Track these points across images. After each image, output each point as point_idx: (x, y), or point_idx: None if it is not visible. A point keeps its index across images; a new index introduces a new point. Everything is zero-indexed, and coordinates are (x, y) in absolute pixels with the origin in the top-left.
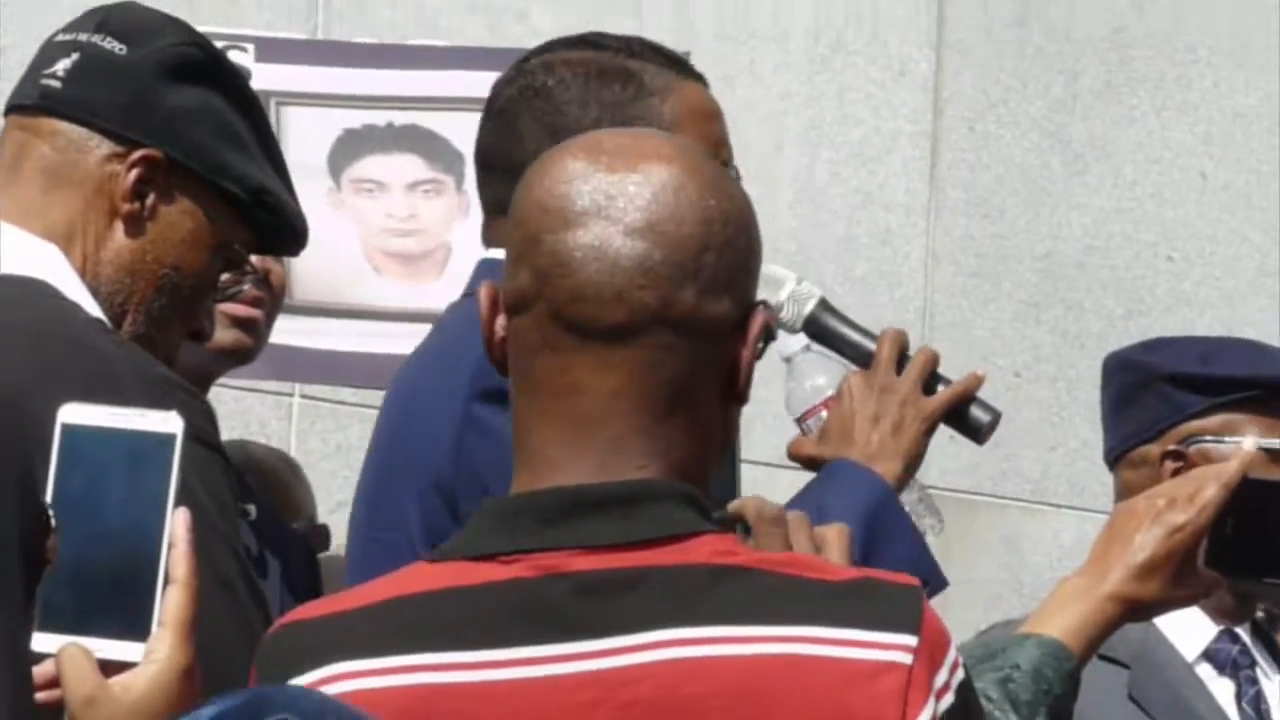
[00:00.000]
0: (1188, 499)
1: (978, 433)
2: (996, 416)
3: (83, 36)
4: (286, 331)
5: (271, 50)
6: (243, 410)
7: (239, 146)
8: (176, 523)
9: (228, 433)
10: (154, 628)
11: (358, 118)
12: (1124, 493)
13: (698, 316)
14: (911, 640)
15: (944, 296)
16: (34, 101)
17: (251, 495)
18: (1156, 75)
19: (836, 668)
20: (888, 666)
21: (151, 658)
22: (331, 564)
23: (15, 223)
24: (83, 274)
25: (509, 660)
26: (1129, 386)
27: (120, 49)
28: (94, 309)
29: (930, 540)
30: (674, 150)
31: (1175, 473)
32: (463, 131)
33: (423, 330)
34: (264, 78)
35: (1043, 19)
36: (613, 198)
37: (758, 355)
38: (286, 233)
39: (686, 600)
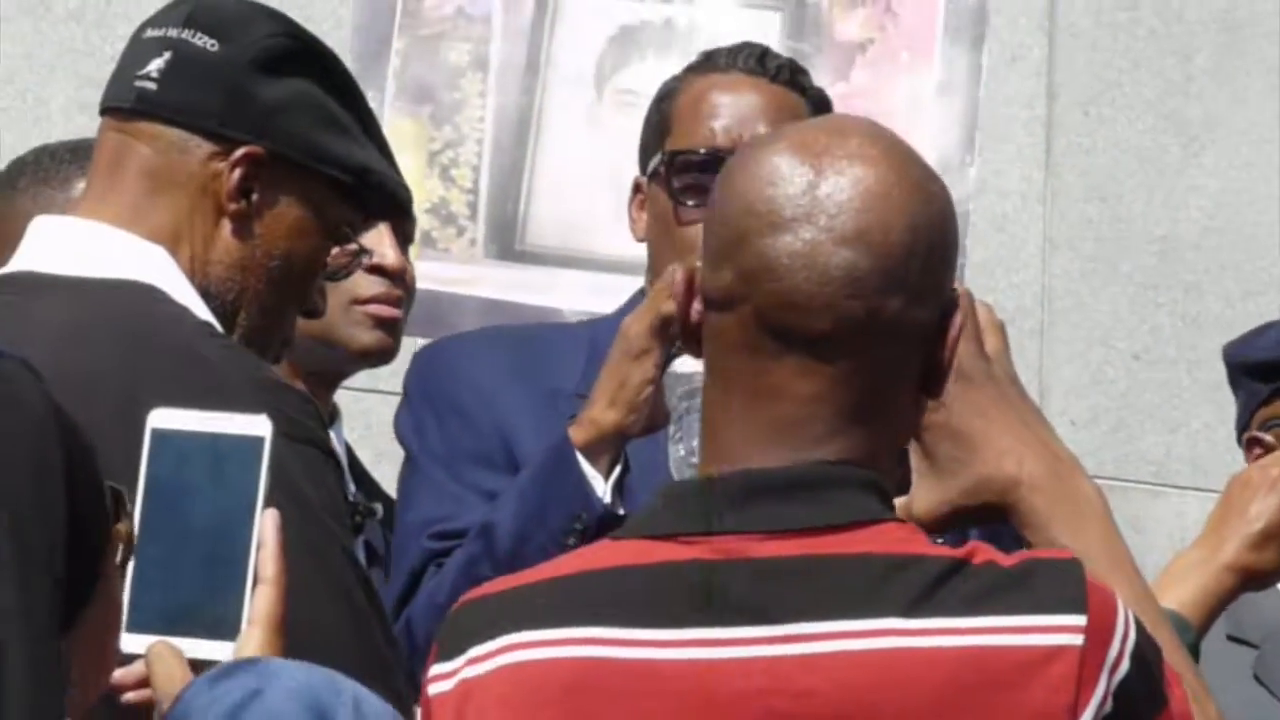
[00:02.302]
0: None
1: None
2: None
3: (172, 33)
4: (509, 285)
5: None
6: (363, 410)
7: (339, 130)
8: (266, 523)
9: (349, 434)
10: (243, 627)
11: (636, 12)
12: None
13: (903, 323)
14: (1080, 620)
15: (1062, 281)
16: (131, 104)
17: (378, 493)
18: (1270, 55)
19: (1010, 657)
20: (1059, 650)
21: (241, 656)
22: None
23: (120, 226)
24: (191, 275)
25: (681, 640)
26: (1229, 378)
27: (212, 45)
28: (203, 311)
29: None
30: (880, 151)
31: (1257, 458)
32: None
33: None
34: None
35: (1154, 1)
36: (821, 203)
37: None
38: (391, 208)
39: (865, 591)
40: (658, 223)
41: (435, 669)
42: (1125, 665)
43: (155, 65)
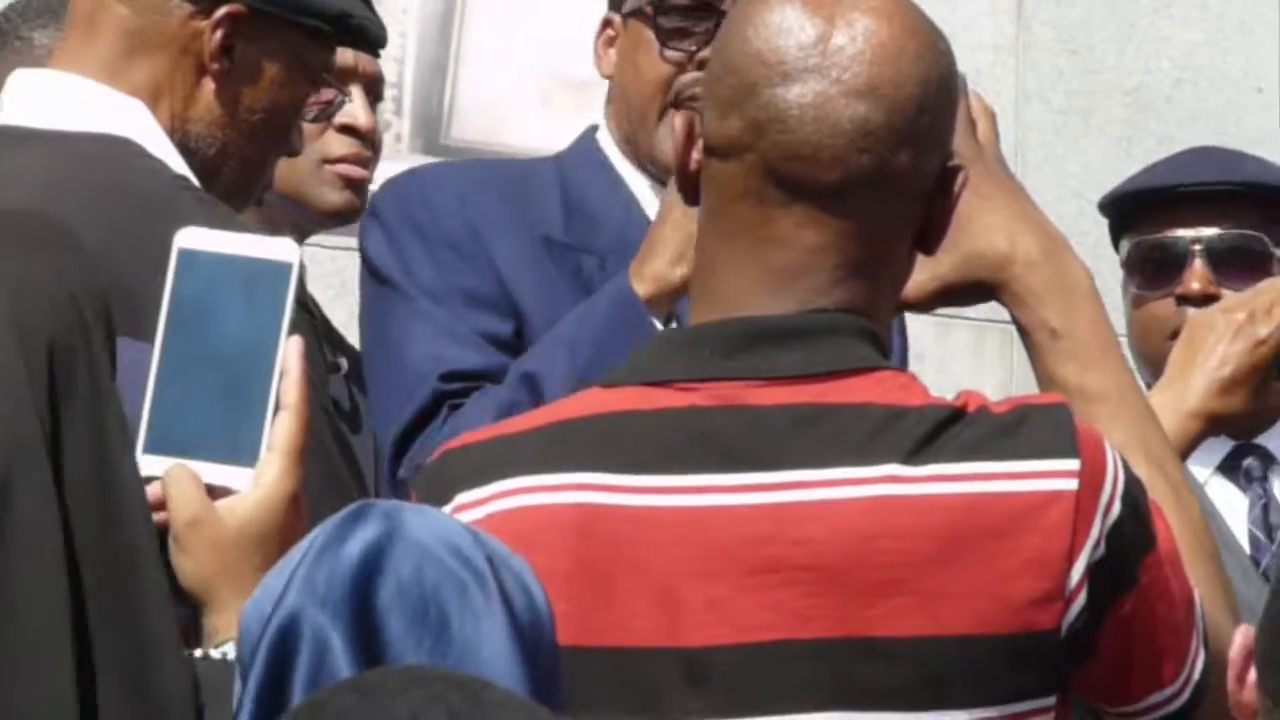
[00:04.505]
0: (1265, 311)
1: None
2: None
3: None
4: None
5: None
6: (338, 269)
7: None
8: (289, 350)
9: (322, 291)
10: (262, 453)
11: None
12: None
13: (910, 177)
14: (1074, 464)
15: (1035, 134)
16: None
17: (343, 348)
18: None
19: (1006, 503)
20: (1054, 496)
21: (259, 482)
22: None
23: (99, 81)
24: (170, 132)
25: (680, 487)
26: None
27: None
28: (180, 166)
29: None
30: (892, 6)
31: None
32: None
33: None
34: None
35: None
36: (832, 55)
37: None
38: (369, 46)
39: (864, 439)
40: (630, 61)
41: None
42: (1117, 507)
43: None
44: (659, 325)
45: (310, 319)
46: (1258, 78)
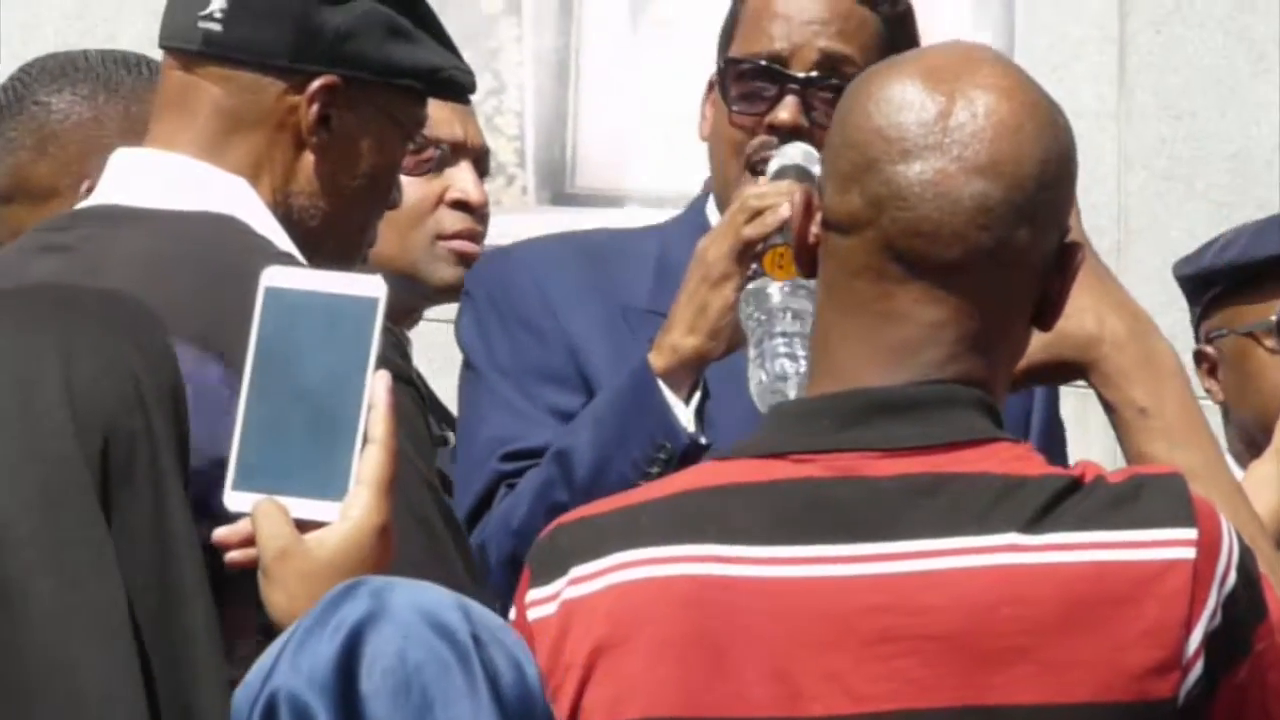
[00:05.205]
0: None
1: None
2: None
3: None
4: (561, 228)
5: None
6: (445, 342)
7: (403, 38)
8: (377, 385)
9: (428, 364)
10: (350, 487)
11: None
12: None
13: (1028, 253)
14: (1192, 533)
15: (1137, 200)
16: (198, 47)
17: (449, 421)
18: None
19: (1125, 572)
20: (1172, 564)
21: (347, 515)
22: None
23: (201, 158)
24: (274, 207)
25: (797, 558)
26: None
27: None
28: (285, 242)
29: None
30: (1012, 82)
31: (1208, 373)
32: None
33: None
34: None
35: None
36: (953, 132)
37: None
38: (461, 97)
39: (982, 508)
40: (715, 122)
41: (532, 594)
42: (1233, 577)
43: (217, 4)
44: (672, 396)
45: (416, 392)
46: None
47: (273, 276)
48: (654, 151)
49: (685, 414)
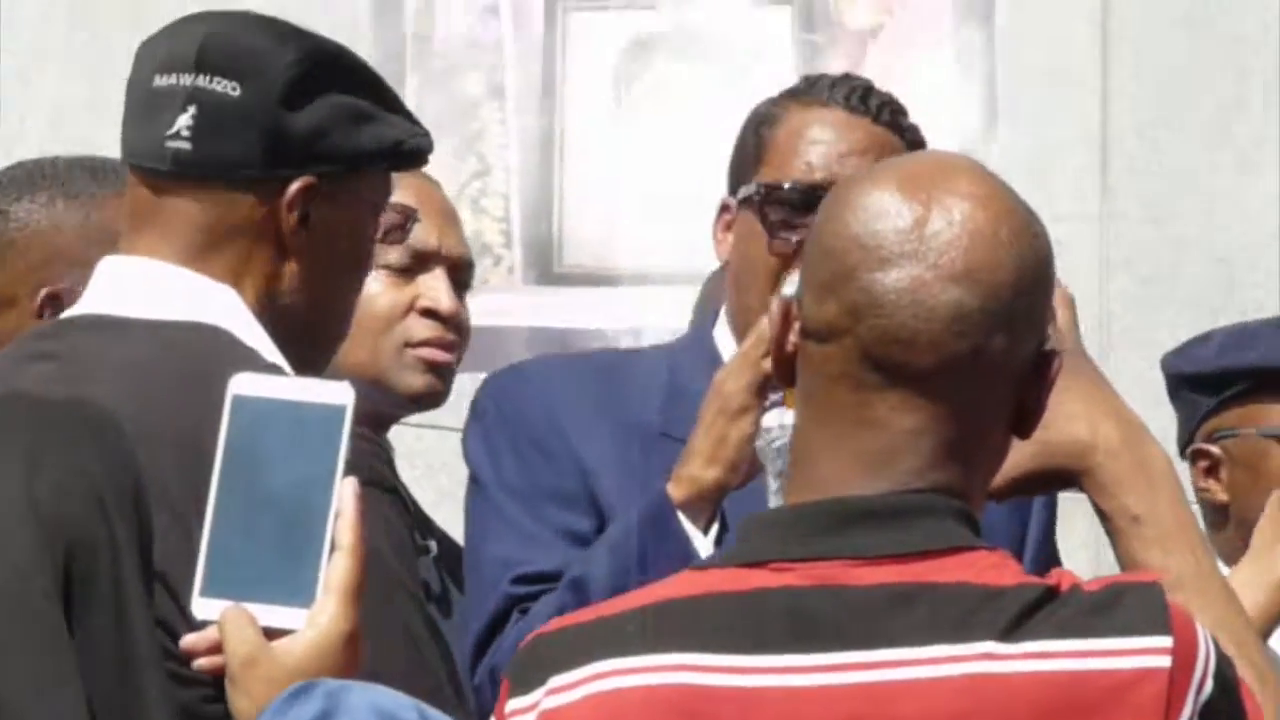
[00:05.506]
0: None
1: None
2: None
3: (186, 80)
4: (552, 309)
5: None
6: (424, 449)
7: (367, 121)
8: (345, 492)
9: (409, 471)
10: (318, 594)
11: (646, 22)
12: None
13: (1005, 361)
14: (1166, 641)
15: (1119, 304)
16: (168, 167)
17: (432, 530)
18: None
19: (1100, 681)
20: (1147, 673)
21: (314, 622)
22: None
23: (185, 266)
24: (260, 313)
25: (774, 667)
26: (1168, 390)
27: (233, 88)
28: (271, 353)
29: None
30: (988, 190)
31: (1206, 472)
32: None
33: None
34: None
35: (1204, 25)
36: (929, 240)
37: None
38: (424, 162)
39: (959, 617)
40: (742, 249)
41: (511, 704)
42: (1209, 685)
43: (183, 122)
44: (691, 528)
45: (400, 501)
46: None
47: (240, 384)
48: (641, 230)
49: (705, 544)
